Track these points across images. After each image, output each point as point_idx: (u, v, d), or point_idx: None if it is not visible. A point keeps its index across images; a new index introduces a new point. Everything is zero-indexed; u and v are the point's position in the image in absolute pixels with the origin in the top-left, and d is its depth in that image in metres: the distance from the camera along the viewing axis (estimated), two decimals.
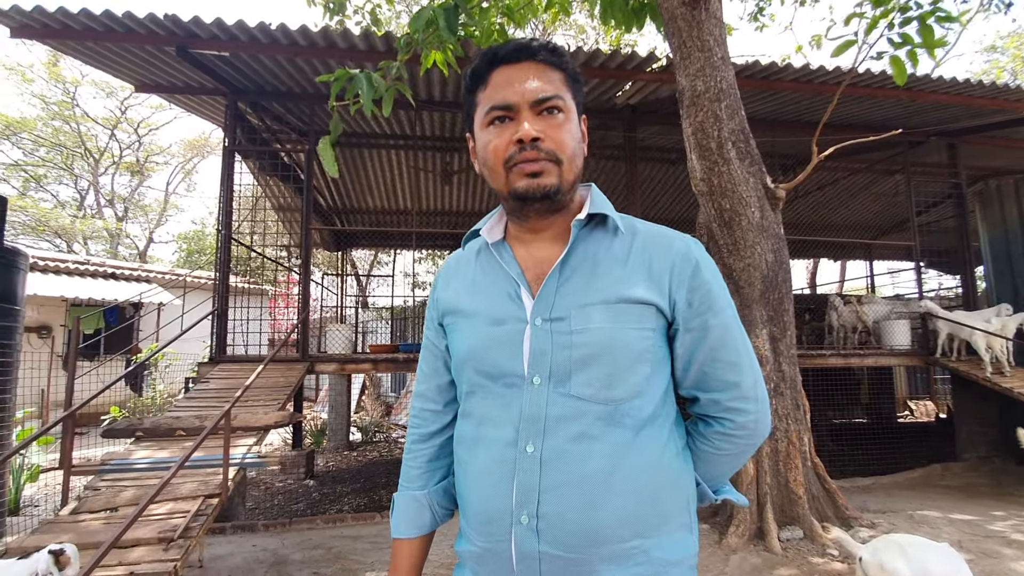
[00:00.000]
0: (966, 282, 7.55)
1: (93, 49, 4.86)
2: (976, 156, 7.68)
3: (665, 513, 0.84)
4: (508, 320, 0.87)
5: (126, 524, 2.25)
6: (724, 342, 0.88)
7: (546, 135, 0.84)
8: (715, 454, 0.92)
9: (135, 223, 22.83)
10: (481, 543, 0.86)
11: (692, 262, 0.88)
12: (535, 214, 0.89)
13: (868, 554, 2.17)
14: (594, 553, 0.79)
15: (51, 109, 17.87)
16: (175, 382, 10.05)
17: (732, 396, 0.89)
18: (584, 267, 0.87)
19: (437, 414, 1.01)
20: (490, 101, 0.87)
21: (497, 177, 0.87)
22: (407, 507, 0.98)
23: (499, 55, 0.88)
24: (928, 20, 2.76)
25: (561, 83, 0.88)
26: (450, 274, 1.00)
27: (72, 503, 3.01)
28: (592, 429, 0.81)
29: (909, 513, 4.49)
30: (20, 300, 3.61)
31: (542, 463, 0.81)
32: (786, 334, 4.20)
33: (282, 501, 6.53)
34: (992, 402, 6.24)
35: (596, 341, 0.82)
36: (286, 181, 7.28)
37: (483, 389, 0.88)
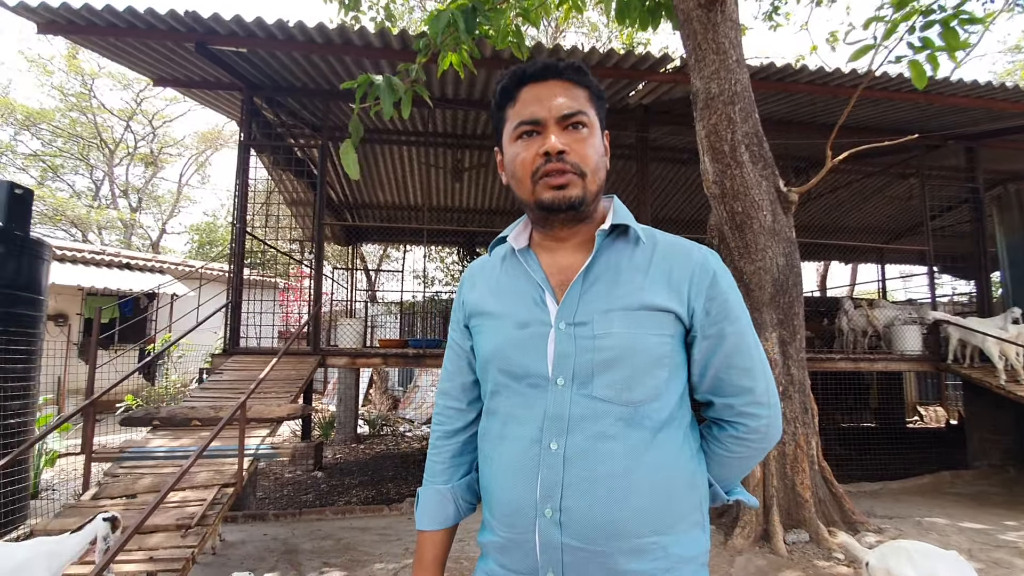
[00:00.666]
0: (981, 288, 7.48)
1: (115, 44, 4.94)
2: (995, 160, 7.58)
3: (680, 511, 0.88)
4: (533, 323, 0.91)
5: (148, 511, 2.32)
6: (739, 349, 0.92)
7: (571, 148, 0.89)
8: (728, 457, 0.96)
9: (148, 214, 23.13)
10: (505, 534, 0.90)
11: (711, 272, 0.92)
12: (560, 224, 0.94)
13: (875, 559, 2.19)
14: (614, 546, 0.83)
15: (69, 100, 18.13)
16: (188, 372, 10.20)
17: (746, 401, 0.92)
18: (607, 275, 0.92)
19: (461, 412, 1.05)
20: (519, 116, 0.92)
21: (524, 188, 0.92)
22: (431, 501, 1.03)
23: (527, 73, 0.93)
24: (951, 23, 2.74)
25: (585, 100, 0.93)
26: (476, 278, 1.04)
27: (92, 488, 3.09)
28: (613, 429, 0.86)
29: (917, 519, 4.48)
30: (44, 290, 3.70)
31: (565, 460, 0.85)
32: (796, 338, 4.20)
33: (291, 492, 6.62)
34: (1007, 410, 6.18)
35: (617, 345, 0.87)
36: (300, 176, 7.35)
37: (507, 388, 0.93)
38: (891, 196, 9.17)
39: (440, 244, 13.01)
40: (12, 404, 3.31)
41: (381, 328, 13.04)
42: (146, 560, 2.57)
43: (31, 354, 3.55)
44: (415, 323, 12.53)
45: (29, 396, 3.53)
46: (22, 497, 3.41)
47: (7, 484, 3.12)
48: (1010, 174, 8.22)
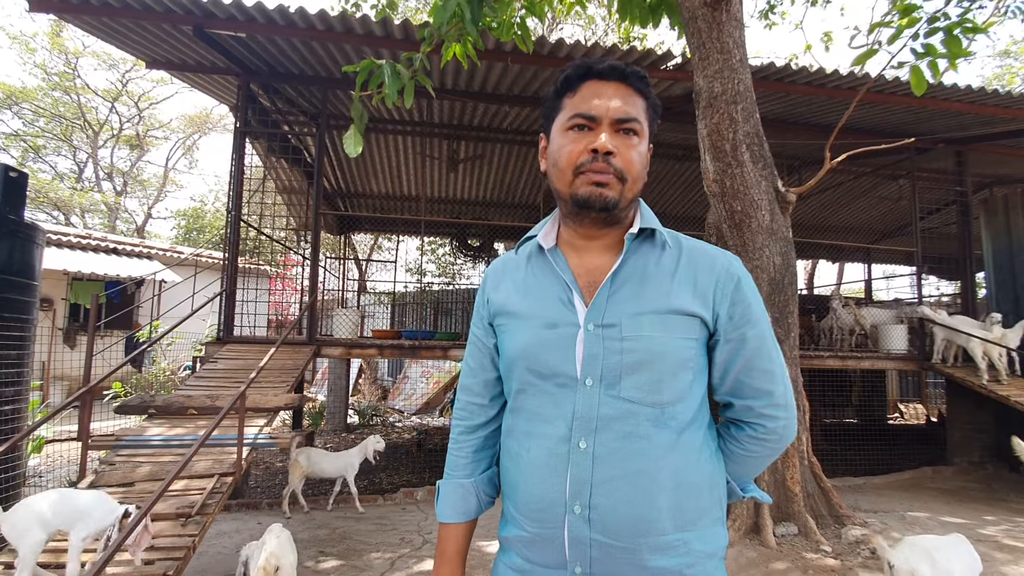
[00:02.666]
0: (966, 289, 7.64)
1: (108, 24, 4.83)
2: (983, 164, 7.73)
3: (703, 508, 0.91)
4: (561, 324, 0.92)
5: (152, 500, 2.31)
6: (760, 353, 0.94)
7: (619, 152, 0.91)
8: (745, 456, 0.99)
9: (133, 198, 22.71)
10: (532, 529, 0.92)
11: (735, 278, 0.95)
12: (591, 222, 0.95)
13: (899, 561, 2.28)
14: (641, 543, 0.86)
15: (52, 79, 17.68)
16: (176, 359, 10.09)
17: (765, 403, 0.95)
18: (634, 278, 0.93)
19: (483, 408, 1.06)
20: (576, 108, 0.93)
21: (564, 179, 0.93)
22: (453, 494, 1.04)
23: (594, 69, 0.94)
24: (954, 31, 2.79)
25: (642, 109, 0.95)
26: (500, 276, 1.05)
27: (89, 476, 3.07)
28: (641, 429, 0.88)
29: (901, 514, 4.61)
30: (38, 275, 3.64)
31: (594, 458, 0.88)
32: (789, 336, 4.27)
33: (283, 480, 6.59)
34: (987, 409, 6.35)
35: (646, 348, 0.89)
36: (295, 164, 7.27)
37: (534, 387, 0.94)
38: (880, 196, 9.30)
39: (433, 235, 12.96)
40: (5, 390, 3.27)
41: (371, 318, 13.01)
42: (147, 548, 2.56)
43: (24, 340, 3.50)
44: (406, 314, 12.51)
45: (22, 382, 3.48)
46: (16, 484, 3.37)
47: (1, 471, 3.09)
48: (997, 178, 8.38)
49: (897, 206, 9.26)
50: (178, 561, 2.50)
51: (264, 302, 6.80)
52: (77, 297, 10.60)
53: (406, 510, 5.07)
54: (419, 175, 8.91)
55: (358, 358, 12.47)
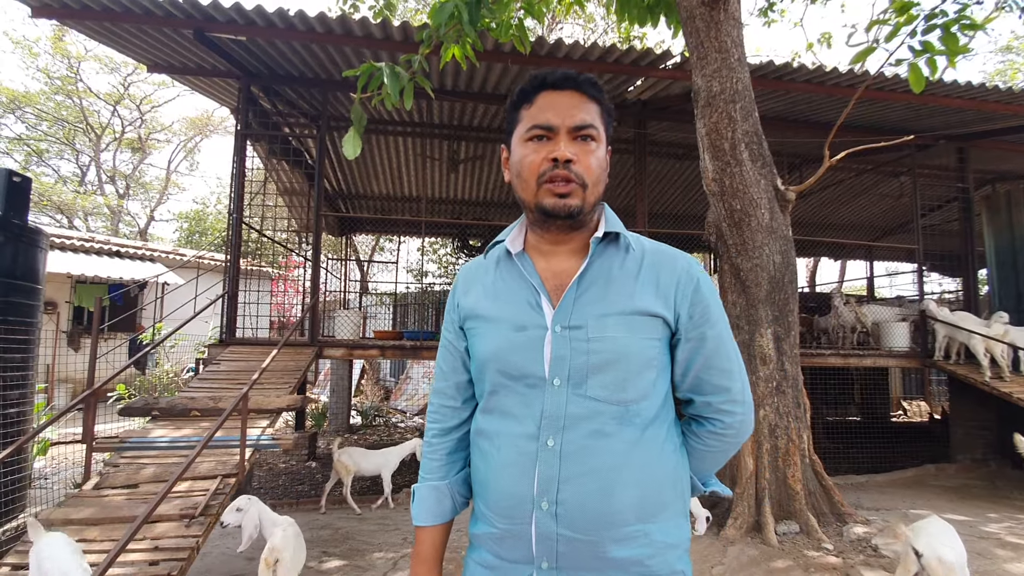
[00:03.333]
0: (968, 286, 7.63)
1: (109, 29, 4.85)
2: (984, 160, 7.70)
3: (665, 502, 0.94)
4: (530, 327, 0.96)
5: (156, 501, 2.33)
6: (718, 351, 0.99)
7: (579, 159, 0.94)
8: (705, 451, 1.03)
9: (136, 201, 22.79)
10: (502, 525, 0.94)
11: (694, 280, 0.99)
12: (556, 229, 0.99)
13: (925, 548, 2.38)
14: (605, 535, 0.89)
15: (54, 83, 17.75)
16: (180, 361, 10.13)
17: (723, 399, 0.99)
18: (600, 281, 0.97)
19: (456, 410, 1.09)
20: (533, 119, 0.96)
21: (528, 189, 0.97)
22: (428, 497, 1.06)
23: (548, 80, 0.97)
24: (952, 28, 2.79)
25: (597, 114, 0.98)
26: (470, 281, 1.08)
27: (94, 478, 3.09)
28: (607, 427, 0.91)
29: (903, 511, 4.61)
30: (42, 279, 3.67)
31: (561, 456, 0.91)
32: (790, 334, 4.27)
33: (286, 482, 6.63)
34: (990, 406, 6.34)
35: (611, 348, 0.92)
36: (296, 166, 7.30)
37: (505, 388, 0.97)
38: (882, 194, 9.28)
39: (434, 236, 12.98)
40: (11, 393, 3.29)
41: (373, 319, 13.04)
42: (151, 549, 2.59)
43: (29, 343, 3.53)
44: (407, 315, 12.53)
45: (27, 385, 3.51)
46: (21, 487, 3.40)
47: (7, 474, 3.11)
48: (998, 174, 8.36)
49: (898, 203, 9.23)
50: (182, 562, 2.52)
51: (266, 304, 6.82)
52: (81, 300, 10.65)
53: (408, 511, 5.08)
54: (420, 176, 8.93)
55: (360, 359, 12.50)
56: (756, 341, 4.20)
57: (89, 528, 2.68)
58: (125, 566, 2.45)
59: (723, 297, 4.49)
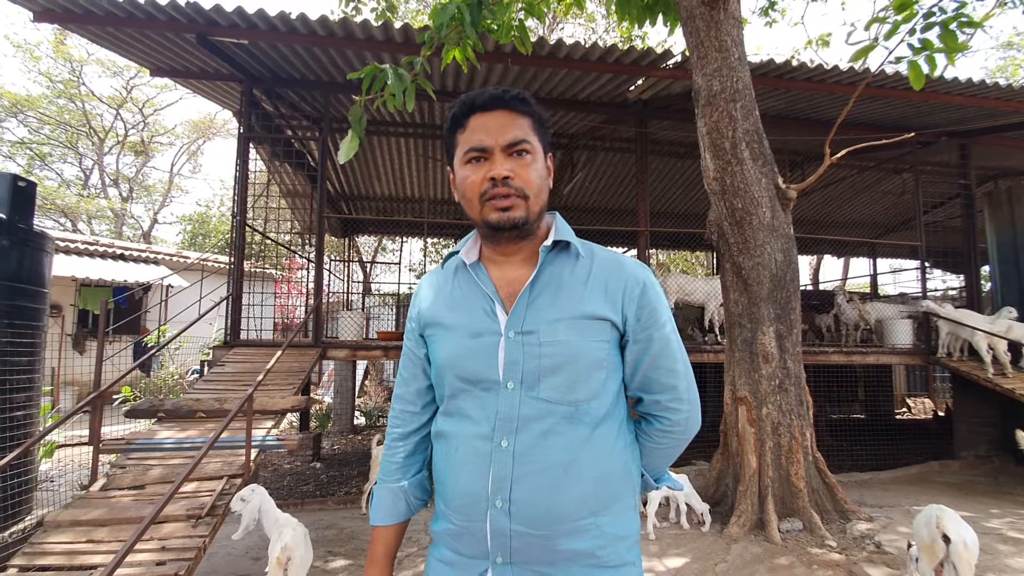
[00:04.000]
0: (970, 282, 7.61)
1: (112, 34, 4.89)
2: (986, 156, 7.69)
3: (615, 495, 0.98)
4: (485, 333, 1.00)
5: (163, 501, 2.36)
6: (664, 352, 1.03)
7: (516, 174, 0.99)
8: (656, 448, 1.08)
9: (139, 203, 22.88)
10: (459, 522, 0.99)
11: (641, 284, 1.03)
12: (506, 240, 1.04)
13: (955, 535, 2.49)
14: (556, 529, 0.93)
15: (57, 87, 17.82)
16: (184, 363, 10.18)
17: (670, 398, 1.04)
18: (550, 287, 1.01)
19: (415, 415, 1.13)
20: (468, 143, 1.01)
21: (473, 208, 1.02)
22: (385, 498, 1.11)
23: (476, 103, 1.02)
24: (950, 25, 2.80)
25: (529, 128, 1.02)
26: (428, 290, 1.13)
27: (101, 480, 3.12)
28: (557, 427, 0.96)
29: (906, 508, 4.61)
30: (47, 283, 3.70)
31: (514, 456, 0.95)
32: (792, 332, 4.28)
33: (291, 482, 6.66)
34: (993, 403, 6.33)
35: (561, 352, 0.97)
36: (298, 168, 7.33)
37: (464, 392, 1.01)
38: (884, 191, 9.26)
39: (436, 236, 13.01)
40: (17, 396, 3.33)
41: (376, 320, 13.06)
42: (158, 549, 2.62)
43: (35, 347, 3.56)
44: None
45: (33, 388, 3.54)
46: (27, 489, 3.43)
47: (14, 476, 3.14)
48: (1001, 170, 8.34)
49: (901, 200, 9.22)
50: (189, 561, 2.55)
51: (270, 305, 6.85)
52: (85, 303, 10.70)
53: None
54: (422, 177, 8.95)
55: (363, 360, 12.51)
56: (758, 339, 4.21)
57: (97, 529, 2.71)
58: (133, 566, 2.47)
59: (725, 295, 4.50)
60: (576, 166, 8.13)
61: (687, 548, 3.76)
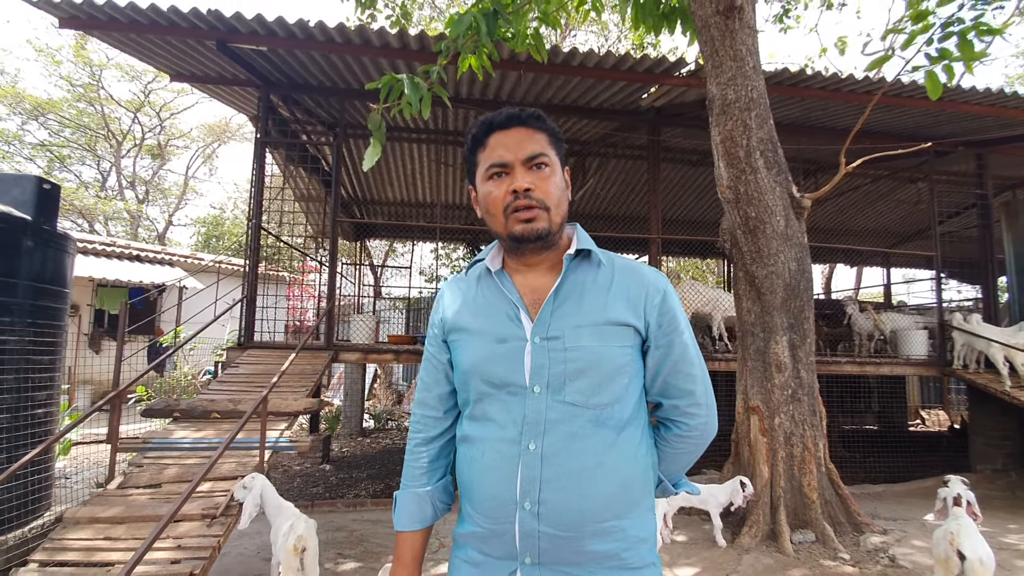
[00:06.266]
0: (987, 293, 7.51)
1: (135, 41, 4.99)
2: (1004, 166, 7.60)
3: (636, 499, 1.01)
4: (510, 339, 1.03)
5: (181, 500, 2.39)
6: (684, 357, 1.07)
7: (536, 186, 1.03)
8: (674, 453, 1.11)
9: (155, 206, 23.21)
10: (487, 525, 1.00)
11: (661, 292, 1.07)
12: (530, 252, 1.07)
13: (970, 552, 2.51)
14: (583, 531, 0.95)
15: (76, 91, 18.17)
16: (197, 364, 10.29)
17: (688, 402, 1.08)
18: (574, 294, 1.04)
19: (438, 420, 1.15)
20: (489, 160, 1.05)
21: (497, 222, 1.06)
22: (410, 503, 1.12)
23: (494, 123, 1.07)
24: (968, 35, 2.79)
25: (546, 142, 1.06)
26: (452, 296, 1.15)
27: (118, 478, 3.17)
28: (583, 430, 0.98)
29: (920, 522, 4.54)
30: (69, 283, 3.78)
31: (543, 458, 0.97)
32: (805, 341, 4.26)
33: (300, 484, 6.70)
34: (1011, 415, 6.23)
35: (586, 357, 1.00)
36: (313, 173, 7.41)
37: (489, 396, 1.03)
38: (899, 200, 9.18)
39: (448, 241, 13.08)
40: (39, 394, 3.39)
41: (386, 324, 13.13)
42: (174, 548, 2.65)
43: (56, 346, 3.63)
44: (420, 319, 12.60)
45: (53, 387, 3.61)
46: (47, 485, 3.50)
47: (34, 473, 3.20)
48: (1018, 180, 8.23)
49: (916, 209, 9.13)
50: (204, 560, 2.58)
51: (282, 308, 6.91)
52: (102, 303, 10.86)
53: None
54: (434, 182, 9.02)
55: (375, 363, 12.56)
56: (771, 348, 4.19)
57: (115, 527, 2.75)
58: (148, 564, 2.51)
59: (737, 304, 4.49)
60: (588, 173, 8.15)
61: (698, 558, 3.74)
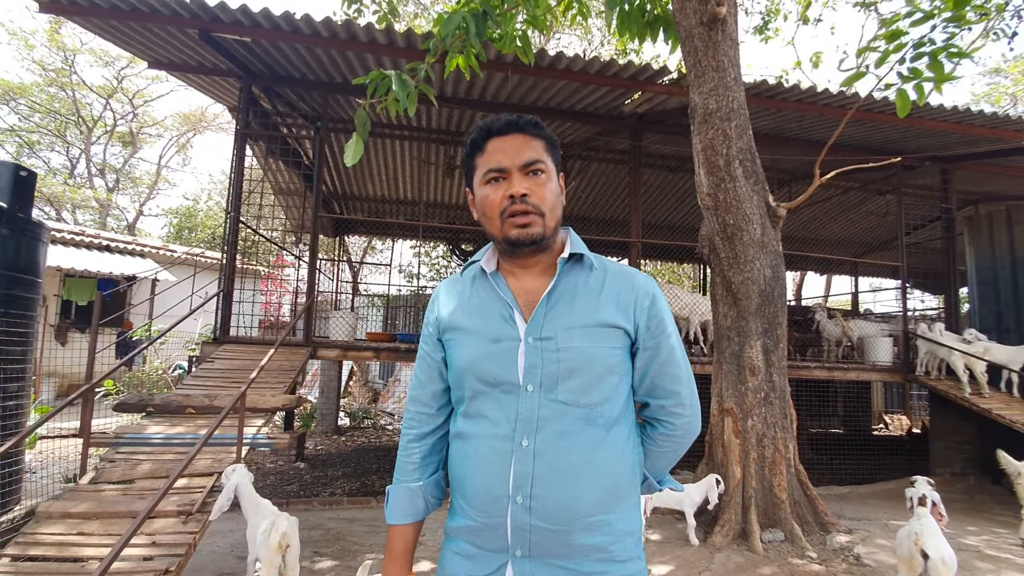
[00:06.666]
0: (949, 303, 7.81)
1: (115, 27, 4.87)
2: (968, 181, 7.92)
3: (623, 494, 1.06)
4: (505, 338, 1.06)
5: (158, 496, 2.36)
6: (671, 359, 1.11)
7: (532, 192, 1.07)
8: (659, 451, 1.16)
9: (124, 195, 22.58)
10: (480, 519, 1.04)
11: (650, 295, 1.11)
12: (525, 255, 1.11)
13: (933, 552, 2.59)
14: (573, 525, 1.00)
15: (48, 75, 17.60)
16: (168, 358, 10.06)
17: (674, 403, 1.12)
18: (566, 296, 1.08)
19: (431, 417, 1.18)
20: (487, 165, 1.09)
21: (494, 225, 1.09)
22: (402, 498, 1.16)
23: (493, 129, 1.10)
24: (939, 56, 2.92)
25: (543, 149, 1.10)
26: (447, 296, 1.18)
27: (90, 472, 3.10)
28: (573, 428, 1.02)
29: (884, 522, 4.72)
30: (42, 272, 3.68)
31: (535, 455, 1.01)
32: (778, 346, 4.38)
33: (275, 482, 6.62)
34: (970, 421, 6.50)
35: (578, 357, 1.04)
36: (294, 167, 7.32)
37: (484, 394, 1.07)
38: (868, 211, 9.49)
39: (428, 239, 13.03)
40: (11, 386, 3.30)
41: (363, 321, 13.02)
42: (149, 544, 2.61)
43: (28, 337, 3.53)
44: (398, 317, 12.53)
45: (25, 378, 3.51)
46: (18, 479, 3.40)
47: (5, 466, 3.11)
48: (981, 195, 8.59)
49: (884, 221, 9.44)
50: (180, 557, 2.55)
51: (257, 302, 6.82)
52: (70, 294, 10.54)
53: None
54: (415, 180, 8.99)
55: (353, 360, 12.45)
56: (745, 352, 4.31)
57: (88, 522, 2.70)
58: (122, 560, 2.47)
59: (714, 309, 4.60)
60: (569, 175, 8.23)
61: (671, 556, 3.82)
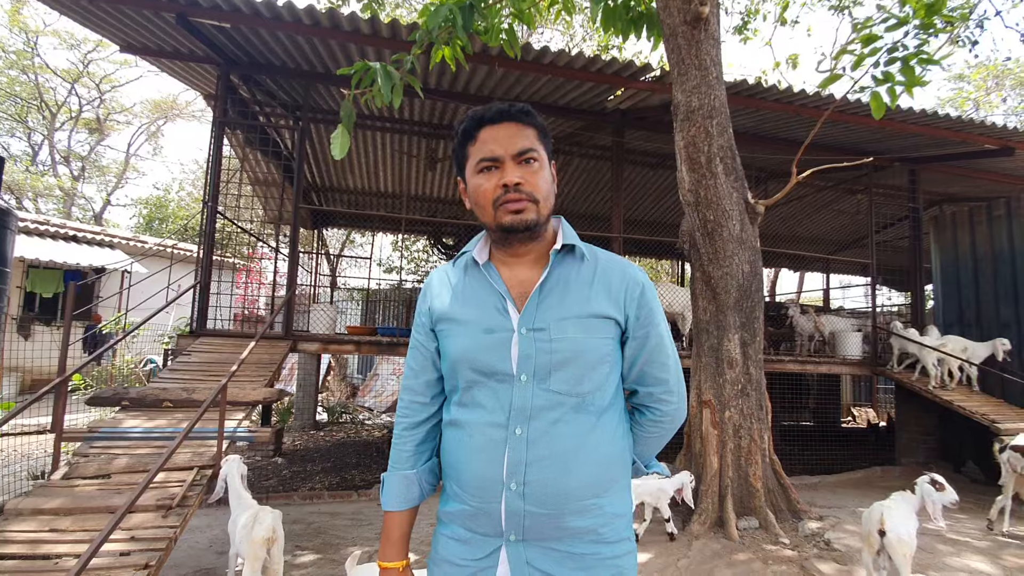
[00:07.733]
0: (915, 300, 8.10)
1: (85, 7, 4.70)
2: (934, 183, 8.21)
3: (614, 477, 1.09)
4: (498, 329, 1.08)
5: (138, 491, 2.32)
6: (659, 348, 1.14)
7: (525, 180, 1.07)
8: (647, 437, 1.20)
9: (91, 183, 21.83)
10: (474, 504, 1.06)
11: (640, 286, 1.13)
12: (517, 242, 1.12)
13: (890, 532, 2.76)
14: (565, 509, 1.03)
15: (9, 58, 16.86)
16: (140, 352, 9.80)
17: (662, 390, 1.16)
18: (558, 287, 1.10)
19: (424, 405, 1.20)
20: (480, 154, 1.09)
21: (486, 213, 1.10)
22: (397, 484, 1.18)
23: (485, 117, 1.10)
24: (911, 62, 3.03)
25: (535, 138, 1.11)
26: (440, 286, 1.19)
27: (63, 468, 3.02)
28: (566, 416, 1.05)
29: (852, 509, 4.89)
30: (9, 262, 3.55)
31: (528, 442, 1.04)
32: (755, 340, 4.49)
33: (253, 477, 6.52)
34: (932, 413, 6.77)
35: (570, 348, 1.06)
36: (273, 157, 7.18)
37: (478, 384, 1.09)
38: (840, 210, 9.76)
39: (409, 232, 12.93)
40: None
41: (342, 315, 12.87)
42: (128, 540, 2.56)
43: None
44: (377, 311, 12.42)
45: None
46: None
47: None
48: (946, 196, 8.91)
49: (855, 220, 9.72)
50: (160, 552, 2.51)
51: (233, 295, 6.69)
52: (34, 286, 10.17)
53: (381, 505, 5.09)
54: (397, 172, 8.91)
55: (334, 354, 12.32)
56: (724, 345, 4.40)
57: (61, 518, 2.63)
58: (99, 556, 2.41)
59: (694, 303, 4.68)
60: None
61: (650, 543, 3.90)
